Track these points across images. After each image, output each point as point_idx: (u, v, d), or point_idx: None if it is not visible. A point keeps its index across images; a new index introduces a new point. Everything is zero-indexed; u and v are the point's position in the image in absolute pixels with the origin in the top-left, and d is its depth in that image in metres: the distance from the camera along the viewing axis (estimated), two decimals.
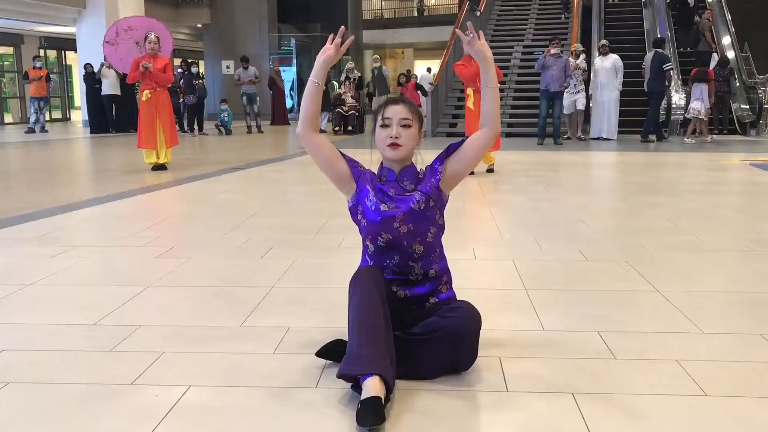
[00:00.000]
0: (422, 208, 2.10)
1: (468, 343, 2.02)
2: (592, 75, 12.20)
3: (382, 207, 2.10)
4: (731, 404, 1.86)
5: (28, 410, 1.85)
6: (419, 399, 1.89)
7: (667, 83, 11.79)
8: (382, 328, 1.90)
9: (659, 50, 11.67)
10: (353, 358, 1.84)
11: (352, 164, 2.20)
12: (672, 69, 11.75)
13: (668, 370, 2.09)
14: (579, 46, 12.25)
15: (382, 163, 2.20)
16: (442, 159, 2.18)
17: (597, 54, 12.23)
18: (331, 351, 2.12)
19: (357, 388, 1.83)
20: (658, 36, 13.14)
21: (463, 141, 2.21)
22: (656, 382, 1.99)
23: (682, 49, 14.27)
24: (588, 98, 12.12)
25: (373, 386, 1.75)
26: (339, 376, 1.87)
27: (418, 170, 2.20)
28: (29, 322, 2.56)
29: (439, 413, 1.82)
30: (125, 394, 1.94)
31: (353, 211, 2.18)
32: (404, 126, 2.10)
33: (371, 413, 1.70)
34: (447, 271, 2.21)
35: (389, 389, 1.80)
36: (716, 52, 13.23)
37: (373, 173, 2.22)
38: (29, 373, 2.10)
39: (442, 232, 2.19)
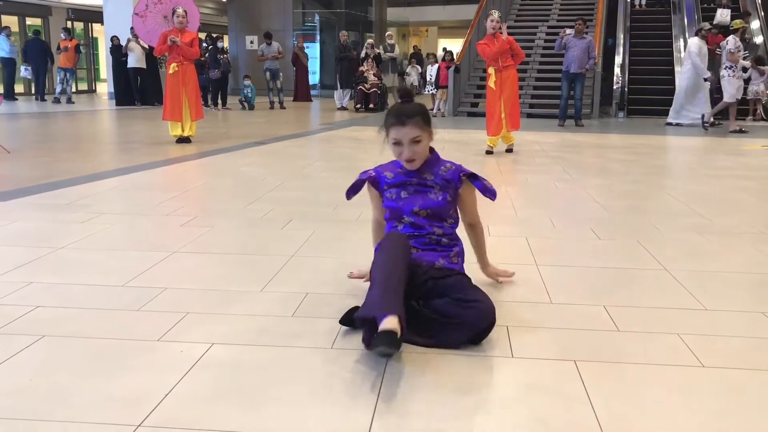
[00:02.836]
0: (440, 198, 2.32)
1: (480, 335, 2.11)
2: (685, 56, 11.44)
3: (403, 194, 2.34)
4: (726, 375, 1.94)
5: (62, 360, 1.99)
6: (425, 357, 2.00)
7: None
8: (400, 282, 2.03)
9: None
10: (372, 305, 1.96)
11: (372, 182, 2.44)
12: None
13: (668, 342, 2.17)
14: (741, 22, 11.10)
15: None
16: (467, 174, 2.38)
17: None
18: (350, 318, 2.22)
19: (370, 346, 1.94)
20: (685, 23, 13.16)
21: (480, 184, 2.42)
22: (655, 353, 2.08)
23: (705, 5, 14.26)
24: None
25: (390, 322, 1.85)
26: (358, 318, 1.99)
27: (440, 161, 2.40)
28: (61, 282, 2.71)
29: (443, 371, 1.92)
30: (152, 349, 2.07)
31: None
32: (416, 143, 2.28)
33: (386, 339, 1.81)
34: (461, 253, 2.42)
35: (402, 334, 1.89)
36: (726, 6, 13.16)
37: (392, 163, 2.43)
38: (62, 327, 2.23)
39: (457, 225, 2.42)
